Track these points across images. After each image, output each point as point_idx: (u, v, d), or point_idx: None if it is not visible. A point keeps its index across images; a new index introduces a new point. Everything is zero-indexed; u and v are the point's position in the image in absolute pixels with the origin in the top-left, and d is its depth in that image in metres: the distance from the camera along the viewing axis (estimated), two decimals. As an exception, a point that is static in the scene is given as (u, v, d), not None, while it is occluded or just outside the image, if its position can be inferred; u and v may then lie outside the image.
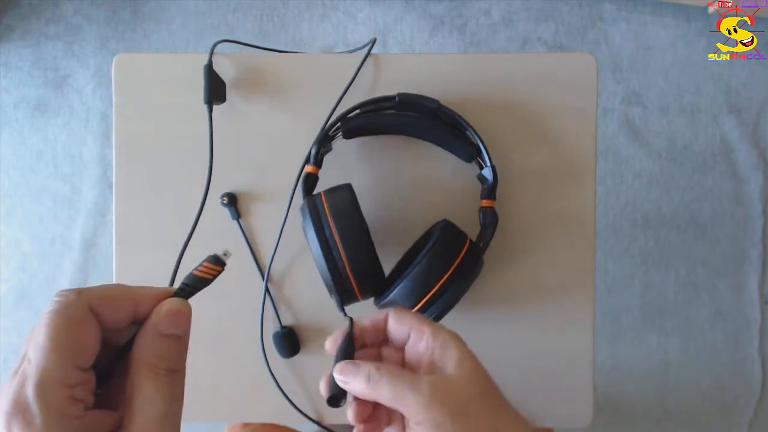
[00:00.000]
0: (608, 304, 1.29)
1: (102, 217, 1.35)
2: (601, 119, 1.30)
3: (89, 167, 1.35)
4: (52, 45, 1.37)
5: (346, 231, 0.46)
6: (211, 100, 0.55)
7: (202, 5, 1.36)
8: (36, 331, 0.24)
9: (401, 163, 0.57)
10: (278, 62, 0.58)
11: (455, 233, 0.49)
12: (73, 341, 0.23)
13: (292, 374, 0.57)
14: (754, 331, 1.28)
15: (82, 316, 0.24)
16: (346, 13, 1.35)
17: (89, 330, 0.24)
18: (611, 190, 1.30)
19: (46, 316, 0.23)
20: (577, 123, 0.56)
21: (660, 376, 1.28)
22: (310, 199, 0.49)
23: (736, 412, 1.28)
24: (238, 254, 0.57)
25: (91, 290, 0.25)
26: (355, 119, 0.53)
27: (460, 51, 1.34)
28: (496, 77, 0.57)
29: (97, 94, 1.36)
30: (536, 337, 0.57)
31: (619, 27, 1.32)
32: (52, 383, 0.22)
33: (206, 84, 0.54)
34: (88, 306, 0.24)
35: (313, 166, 0.52)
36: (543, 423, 0.57)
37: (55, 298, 0.24)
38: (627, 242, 1.30)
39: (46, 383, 0.22)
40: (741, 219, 1.29)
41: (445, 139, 0.54)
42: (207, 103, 0.54)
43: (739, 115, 1.30)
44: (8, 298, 1.35)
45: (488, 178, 0.52)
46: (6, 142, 1.37)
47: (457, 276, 0.47)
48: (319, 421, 0.57)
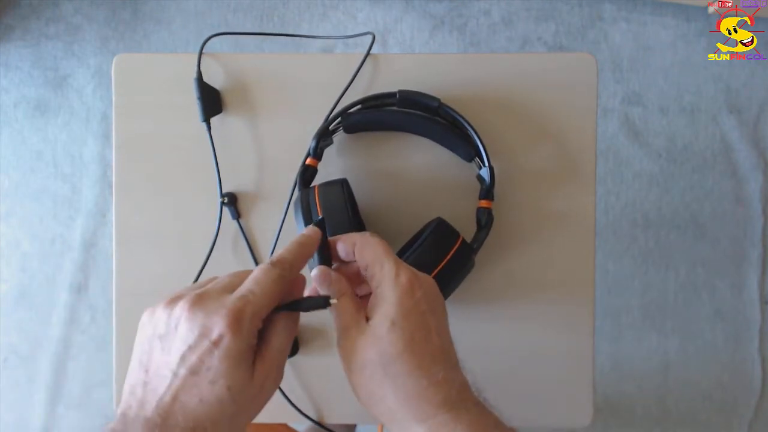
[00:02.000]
0: (608, 304, 1.29)
1: (102, 217, 1.35)
2: (601, 119, 1.30)
3: (89, 167, 1.35)
4: (52, 45, 1.37)
5: (334, 226, 0.46)
6: (208, 117, 0.55)
7: (202, 5, 1.36)
8: (260, 276, 0.36)
9: (401, 160, 0.57)
10: (278, 62, 0.58)
11: (447, 231, 0.49)
12: (273, 301, 0.36)
13: (291, 374, 0.57)
14: (754, 331, 1.28)
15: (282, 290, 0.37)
16: (346, 13, 1.35)
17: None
18: (611, 190, 1.30)
19: (272, 274, 0.36)
20: (577, 123, 0.56)
21: (660, 376, 1.28)
22: (304, 192, 0.49)
23: (736, 412, 1.28)
24: (238, 254, 0.57)
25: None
26: (356, 114, 0.54)
27: (460, 51, 1.34)
28: (496, 77, 0.57)
29: (97, 94, 1.36)
30: (536, 336, 0.57)
31: (619, 27, 1.32)
32: (259, 317, 0.35)
33: (200, 101, 0.55)
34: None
35: (313, 158, 0.52)
36: (543, 423, 0.57)
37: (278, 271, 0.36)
38: (627, 242, 1.30)
39: (258, 314, 0.34)
40: (741, 219, 1.29)
41: (445, 137, 0.55)
42: (204, 121, 0.55)
43: (739, 115, 1.30)
44: (8, 298, 1.35)
45: (486, 178, 0.52)
46: (6, 142, 1.37)
47: (446, 274, 0.47)
48: (319, 421, 0.57)
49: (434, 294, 0.38)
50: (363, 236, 0.40)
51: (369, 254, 0.39)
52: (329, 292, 0.39)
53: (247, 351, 0.34)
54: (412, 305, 0.36)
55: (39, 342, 1.35)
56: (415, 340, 0.36)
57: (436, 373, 0.36)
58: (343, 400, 0.57)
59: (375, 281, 0.38)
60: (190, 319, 0.34)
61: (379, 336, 0.36)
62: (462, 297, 0.50)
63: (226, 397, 0.33)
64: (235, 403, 0.34)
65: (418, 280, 0.37)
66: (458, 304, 0.54)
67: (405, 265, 0.38)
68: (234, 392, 0.34)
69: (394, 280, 0.37)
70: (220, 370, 0.33)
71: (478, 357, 0.57)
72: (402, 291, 0.36)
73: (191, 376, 0.33)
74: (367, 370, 0.36)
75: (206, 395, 0.33)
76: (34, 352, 1.35)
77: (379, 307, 0.37)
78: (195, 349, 0.33)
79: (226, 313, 0.33)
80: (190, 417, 0.33)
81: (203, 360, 0.33)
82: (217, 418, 0.34)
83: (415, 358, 0.35)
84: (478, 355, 0.57)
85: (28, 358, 1.35)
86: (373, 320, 0.36)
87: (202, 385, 0.33)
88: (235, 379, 0.34)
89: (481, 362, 0.57)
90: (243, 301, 0.34)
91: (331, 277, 0.39)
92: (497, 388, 0.57)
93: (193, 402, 0.33)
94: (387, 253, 0.38)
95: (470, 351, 0.57)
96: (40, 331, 1.35)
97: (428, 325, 0.36)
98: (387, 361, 0.35)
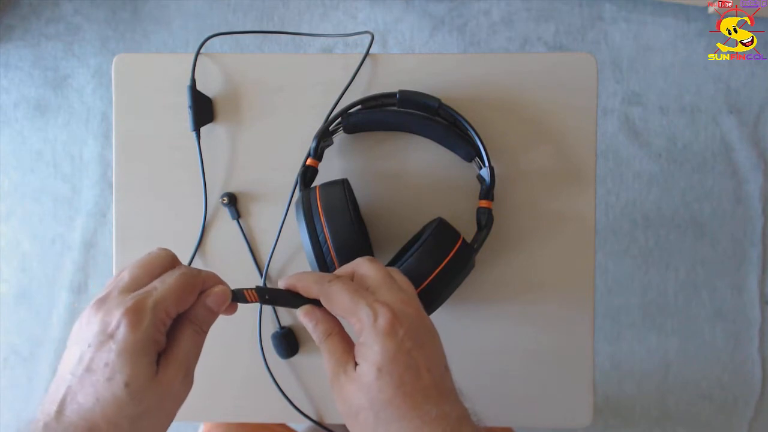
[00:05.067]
0: (608, 304, 1.29)
1: (102, 217, 1.35)
2: (601, 119, 1.30)
3: (89, 167, 1.35)
4: (52, 45, 1.37)
5: (336, 226, 0.46)
6: (198, 127, 0.56)
7: (202, 5, 1.36)
8: (165, 275, 0.36)
9: (401, 160, 0.57)
10: (278, 62, 0.58)
11: (447, 232, 0.49)
12: (177, 296, 0.35)
13: (291, 374, 0.57)
14: (754, 331, 1.28)
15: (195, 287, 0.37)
16: (346, 13, 1.35)
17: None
18: (611, 190, 1.30)
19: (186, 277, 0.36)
20: (577, 123, 0.56)
21: (660, 376, 1.28)
22: (305, 193, 0.49)
23: (736, 412, 1.28)
24: (238, 254, 0.57)
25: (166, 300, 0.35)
26: (356, 114, 0.54)
27: (460, 51, 1.34)
28: (496, 77, 0.57)
29: (97, 94, 1.36)
30: (536, 336, 0.57)
31: (619, 27, 1.32)
32: (162, 309, 0.34)
33: (191, 110, 0.55)
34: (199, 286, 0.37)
35: (313, 159, 0.52)
36: (543, 423, 0.57)
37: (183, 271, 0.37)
38: (627, 242, 1.30)
39: (159, 306, 0.34)
40: (741, 219, 1.29)
41: (445, 137, 0.55)
42: (194, 130, 0.56)
43: (739, 115, 1.30)
44: (8, 298, 1.35)
45: (486, 178, 0.52)
46: (6, 142, 1.37)
47: (446, 275, 0.47)
48: (319, 421, 0.57)
49: (418, 326, 0.36)
50: (321, 287, 0.38)
51: (338, 306, 0.37)
52: (314, 334, 0.39)
53: (147, 345, 0.33)
54: (396, 347, 0.35)
55: (39, 342, 1.35)
56: (405, 381, 0.35)
57: (429, 411, 0.35)
58: (343, 400, 0.57)
59: (356, 330, 0.36)
60: (90, 316, 0.34)
61: (368, 384, 0.35)
62: (461, 297, 0.50)
63: (123, 395, 0.32)
64: (134, 402, 0.32)
65: (398, 319, 0.35)
66: (457, 304, 0.54)
67: (381, 301, 0.36)
68: (133, 390, 0.32)
69: (373, 326, 0.35)
70: (117, 365, 0.32)
71: (478, 357, 0.57)
72: (384, 335, 0.35)
73: (88, 375, 0.32)
74: (361, 417, 0.35)
75: (102, 393, 0.32)
76: (34, 352, 1.35)
77: (364, 354, 0.35)
78: (93, 345, 0.33)
79: (125, 305, 0.33)
80: (86, 417, 0.32)
81: (101, 356, 0.32)
82: (114, 418, 0.32)
83: (406, 400, 0.34)
84: (478, 355, 0.57)
85: (28, 358, 1.35)
86: (360, 368, 0.36)
87: (98, 384, 0.32)
88: (133, 376, 0.32)
89: (480, 362, 0.57)
90: (144, 295, 0.34)
91: (317, 317, 0.39)
92: (497, 388, 0.57)
93: (90, 402, 0.32)
94: (355, 298, 0.36)
95: (469, 351, 0.57)
96: (40, 331, 1.35)
97: (416, 363, 0.35)
98: (378, 407, 0.35)
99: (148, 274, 0.36)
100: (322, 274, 0.40)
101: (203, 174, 0.56)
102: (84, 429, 0.32)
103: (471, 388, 0.39)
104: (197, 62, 0.56)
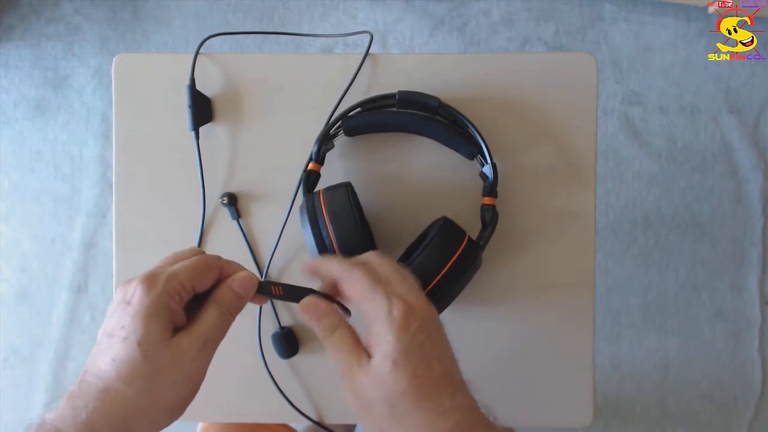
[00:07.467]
0: (608, 304, 1.29)
1: (102, 217, 1.35)
2: (601, 119, 1.30)
3: (89, 167, 1.35)
4: (52, 45, 1.37)
5: (341, 230, 0.46)
6: (197, 126, 0.56)
7: (202, 5, 1.36)
8: (189, 259, 0.38)
9: (403, 161, 0.57)
10: (278, 62, 0.58)
11: (454, 230, 0.49)
12: (195, 273, 0.38)
13: (291, 374, 0.57)
14: (754, 331, 1.28)
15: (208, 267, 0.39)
16: (346, 13, 1.35)
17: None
18: (611, 190, 1.30)
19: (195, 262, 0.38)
20: (577, 123, 0.56)
21: (660, 376, 1.28)
22: (309, 197, 0.49)
23: (736, 412, 1.28)
24: (238, 254, 0.57)
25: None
26: (356, 117, 0.54)
27: (460, 51, 1.34)
28: (496, 77, 0.57)
29: (97, 94, 1.36)
30: (536, 336, 0.57)
31: (619, 27, 1.32)
32: (177, 280, 0.36)
33: (191, 110, 0.55)
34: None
35: (315, 163, 0.52)
36: (543, 423, 0.57)
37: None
38: (627, 242, 1.30)
39: (174, 277, 0.36)
40: (741, 219, 1.29)
41: (446, 136, 0.54)
42: (193, 130, 0.55)
43: (739, 115, 1.30)
44: (8, 298, 1.35)
45: (489, 175, 0.52)
46: (6, 142, 1.37)
47: (454, 273, 0.47)
48: (319, 420, 0.57)
49: (430, 320, 0.37)
50: (344, 270, 0.39)
51: (356, 291, 0.38)
52: (318, 328, 0.39)
53: (160, 309, 0.35)
54: (410, 340, 0.35)
55: (39, 342, 1.35)
56: (418, 374, 0.35)
57: (443, 402, 0.35)
58: (342, 400, 0.57)
59: (368, 318, 0.37)
60: (117, 294, 0.37)
61: (382, 376, 0.35)
62: (462, 296, 0.50)
63: (136, 354, 0.34)
64: (147, 361, 0.34)
65: (413, 311, 0.36)
66: (458, 303, 0.54)
67: (396, 294, 0.37)
68: (145, 348, 0.34)
69: (387, 316, 0.36)
70: (131, 327, 0.34)
71: (479, 356, 0.57)
72: (398, 327, 0.35)
73: (107, 339, 0.35)
74: (376, 409, 0.36)
75: (117, 353, 0.34)
76: (34, 352, 1.35)
77: (378, 346, 0.36)
78: (114, 312, 0.36)
79: (143, 276, 0.36)
80: (102, 377, 0.34)
81: (119, 320, 0.35)
82: (128, 378, 0.34)
83: (420, 391, 0.35)
84: (479, 355, 0.57)
85: (28, 358, 1.35)
86: (374, 359, 0.36)
87: (115, 345, 0.35)
88: (145, 336, 0.34)
89: (481, 362, 0.57)
90: (161, 269, 0.37)
91: (321, 310, 0.39)
92: (497, 387, 0.57)
93: (107, 363, 0.34)
94: (373, 286, 0.37)
95: (470, 350, 0.57)
96: (40, 331, 1.35)
97: (429, 355, 0.36)
98: (393, 399, 0.35)
99: (173, 262, 0.39)
100: (344, 259, 0.40)
101: (201, 174, 0.56)
102: (98, 389, 0.34)
103: (471, 388, 0.39)
104: (197, 62, 0.56)
